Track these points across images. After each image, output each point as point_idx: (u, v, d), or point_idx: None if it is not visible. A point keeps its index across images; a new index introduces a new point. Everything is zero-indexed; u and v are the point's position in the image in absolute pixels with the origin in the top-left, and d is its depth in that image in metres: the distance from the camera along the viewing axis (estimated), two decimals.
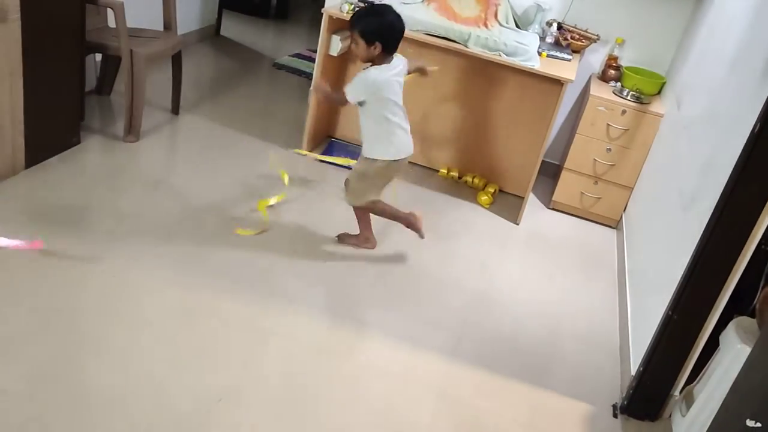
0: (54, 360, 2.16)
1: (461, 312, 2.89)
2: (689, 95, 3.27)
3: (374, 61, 2.75)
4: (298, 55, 5.73)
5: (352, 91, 2.76)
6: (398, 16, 2.75)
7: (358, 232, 3.12)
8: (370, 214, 3.07)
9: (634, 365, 2.58)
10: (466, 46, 3.49)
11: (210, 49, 5.47)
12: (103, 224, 2.90)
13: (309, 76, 5.01)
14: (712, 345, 2.32)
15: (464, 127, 4.00)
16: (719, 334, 2.30)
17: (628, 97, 3.70)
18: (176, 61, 3.93)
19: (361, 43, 2.69)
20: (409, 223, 3.08)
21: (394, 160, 2.88)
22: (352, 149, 4.09)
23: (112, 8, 3.38)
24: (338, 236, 3.16)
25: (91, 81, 4.01)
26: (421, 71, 3.06)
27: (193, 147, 3.83)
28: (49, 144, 3.26)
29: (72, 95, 3.35)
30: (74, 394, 2.06)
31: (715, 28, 3.24)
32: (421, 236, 3.11)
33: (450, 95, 3.95)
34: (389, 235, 3.25)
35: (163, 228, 2.96)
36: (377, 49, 2.69)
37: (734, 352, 2.13)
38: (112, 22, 3.54)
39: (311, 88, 2.96)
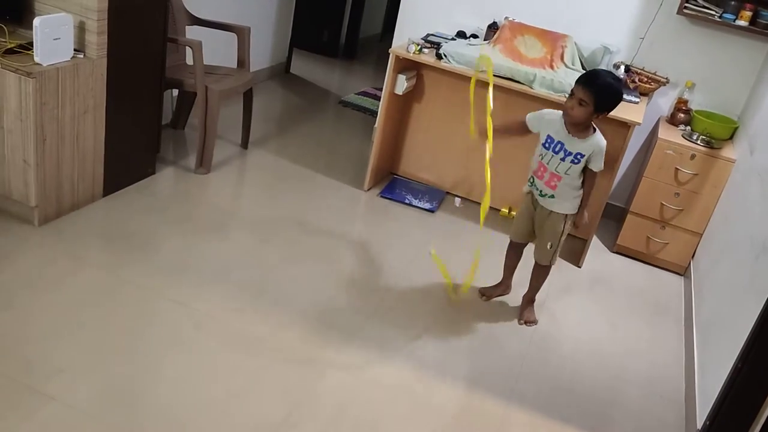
0: (117, 383, 2.25)
1: (519, 354, 2.85)
2: (763, 141, 3.17)
3: (586, 123, 2.73)
4: (364, 93, 5.86)
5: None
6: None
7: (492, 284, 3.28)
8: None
9: (701, 418, 2.48)
10: (532, 87, 3.50)
11: (279, 86, 5.66)
12: (172, 252, 3.01)
13: (374, 113, 5.11)
14: None
15: (527, 168, 3.98)
16: None
17: (698, 142, 3.62)
18: (247, 97, 4.08)
19: (590, 109, 2.64)
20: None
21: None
22: (414, 186, 4.13)
23: (190, 47, 3.56)
24: (481, 291, 3.25)
25: (166, 115, 4.20)
26: None
27: (261, 180, 3.94)
28: (126, 174, 3.43)
29: (150, 129, 3.52)
30: (137, 415, 2.13)
31: None
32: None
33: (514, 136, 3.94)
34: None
35: (225, 259, 3.05)
36: (595, 118, 2.71)
37: None
38: (189, 60, 3.72)
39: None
